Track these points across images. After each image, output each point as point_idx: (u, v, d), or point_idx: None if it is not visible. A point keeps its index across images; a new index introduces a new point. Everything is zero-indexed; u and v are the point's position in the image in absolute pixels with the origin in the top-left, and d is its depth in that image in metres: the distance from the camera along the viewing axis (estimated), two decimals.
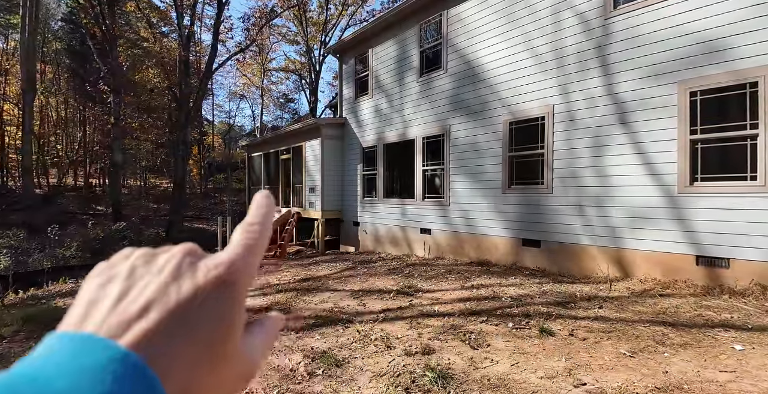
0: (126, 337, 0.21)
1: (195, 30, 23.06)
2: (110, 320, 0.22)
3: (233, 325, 0.24)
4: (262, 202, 0.30)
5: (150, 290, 0.23)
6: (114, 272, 0.25)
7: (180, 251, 0.26)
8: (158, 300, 0.23)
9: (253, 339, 0.27)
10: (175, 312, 0.22)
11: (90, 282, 0.25)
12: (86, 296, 0.24)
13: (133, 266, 0.25)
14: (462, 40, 7.78)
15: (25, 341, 5.16)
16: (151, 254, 0.26)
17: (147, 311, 0.22)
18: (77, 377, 0.18)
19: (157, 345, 0.21)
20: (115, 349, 0.20)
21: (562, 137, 6.25)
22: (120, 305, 0.22)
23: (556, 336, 3.84)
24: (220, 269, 0.25)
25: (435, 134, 8.29)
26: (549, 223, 6.40)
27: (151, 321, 0.21)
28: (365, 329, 4.26)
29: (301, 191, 11.85)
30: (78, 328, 0.22)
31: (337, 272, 7.96)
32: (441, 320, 4.50)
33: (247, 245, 0.27)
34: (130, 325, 0.21)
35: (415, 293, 5.69)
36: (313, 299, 5.86)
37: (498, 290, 5.51)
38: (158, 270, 0.24)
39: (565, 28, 6.26)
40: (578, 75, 6.10)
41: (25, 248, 13.69)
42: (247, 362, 0.26)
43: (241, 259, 0.26)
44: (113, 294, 0.23)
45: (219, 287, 0.24)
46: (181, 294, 0.23)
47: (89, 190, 27.11)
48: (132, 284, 0.24)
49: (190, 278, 0.24)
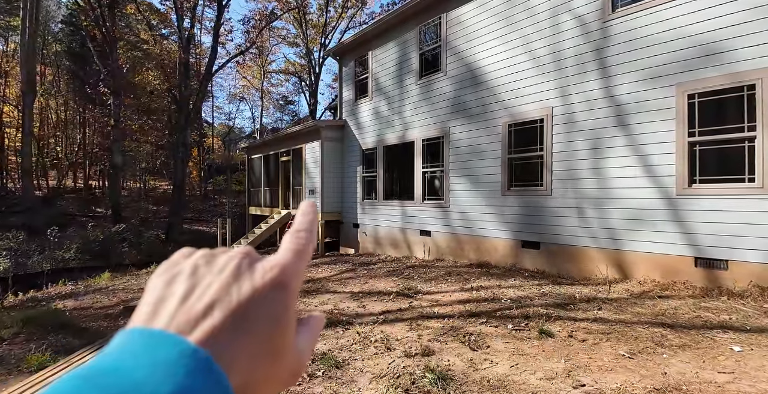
0: (194, 334, 0.22)
1: (195, 32, 23.12)
2: (178, 317, 0.23)
3: (287, 324, 0.26)
4: (307, 210, 0.32)
5: (213, 289, 0.25)
6: (177, 270, 0.27)
7: (239, 253, 0.28)
8: (221, 299, 0.24)
9: (300, 338, 0.29)
10: (236, 311, 0.24)
11: (155, 280, 0.26)
12: (154, 294, 0.25)
13: (195, 265, 0.27)
14: (461, 42, 7.82)
15: (25, 343, 5.15)
16: (211, 254, 0.28)
17: (212, 309, 0.24)
18: (153, 369, 0.20)
19: (222, 342, 0.22)
20: (185, 344, 0.21)
21: (561, 139, 6.28)
22: (186, 303, 0.24)
23: (555, 337, 3.85)
24: (275, 271, 0.26)
25: (434, 136, 8.31)
26: (548, 225, 6.42)
27: (216, 319, 0.23)
28: (365, 331, 4.27)
29: (301, 193, 11.86)
30: (148, 324, 0.23)
31: (337, 273, 7.96)
32: (441, 321, 4.51)
33: (296, 251, 0.28)
34: (198, 322, 0.23)
35: (415, 295, 5.71)
36: (313, 301, 5.87)
37: (497, 292, 5.52)
38: (219, 270, 0.26)
39: (563, 30, 6.30)
40: (577, 77, 6.14)
41: (24, 250, 13.68)
42: (297, 358, 0.27)
43: (292, 263, 0.27)
44: (179, 292, 0.25)
45: (275, 288, 0.26)
46: (241, 294, 0.25)
47: (89, 192, 27.10)
48: (196, 282, 0.25)
49: (249, 279, 0.25)
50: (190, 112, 20.69)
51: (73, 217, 21.03)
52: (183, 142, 20.11)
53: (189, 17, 21.59)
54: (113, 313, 6.53)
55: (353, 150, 10.85)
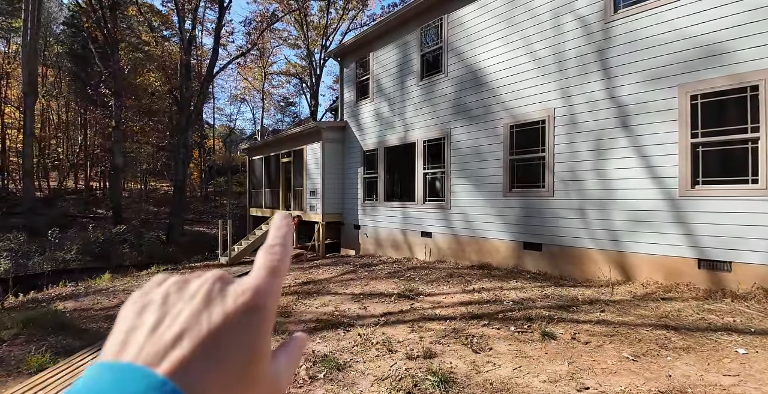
0: (163, 365, 0.21)
1: (196, 34, 23.15)
2: (147, 348, 0.22)
3: (261, 349, 0.25)
4: (280, 223, 0.31)
5: (183, 318, 0.24)
6: (148, 300, 0.26)
7: (211, 277, 0.27)
8: (191, 328, 0.23)
9: (278, 362, 0.28)
10: (206, 340, 0.23)
11: (126, 310, 0.26)
12: (123, 324, 0.24)
13: (167, 293, 0.26)
14: (463, 43, 7.81)
15: (25, 344, 5.13)
16: (183, 280, 0.27)
17: (181, 338, 0.23)
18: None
19: (192, 373, 0.22)
20: (153, 377, 0.21)
21: (563, 141, 6.26)
22: (155, 334, 0.23)
23: (558, 340, 3.83)
24: (247, 295, 0.26)
25: (436, 138, 8.30)
26: (550, 226, 6.40)
27: (185, 349, 0.22)
28: (366, 333, 4.24)
29: (302, 194, 11.85)
30: (117, 357, 0.22)
31: (338, 275, 7.94)
32: (443, 323, 4.48)
33: (270, 267, 0.28)
34: (166, 353, 0.22)
35: (417, 297, 5.68)
36: (313, 303, 5.85)
37: (499, 294, 5.50)
38: (190, 297, 0.25)
39: (565, 32, 6.29)
40: (579, 79, 6.12)
41: (25, 251, 13.67)
42: (274, 384, 0.26)
43: (266, 282, 0.27)
44: (149, 322, 0.24)
45: (247, 313, 0.25)
46: (212, 321, 0.24)
47: (90, 193, 27.11)
48: (166, 311, 0.25)
49: (220, 305, 0.25)
50: (191, 114, 20.71)
51: (74, 218, 21.03)
52: (184, 143, 20.11)
53: (190, 19, 21.64)
54: (113, 314, 6.50)
55: (354, 151, 10.84)
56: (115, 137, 19.72)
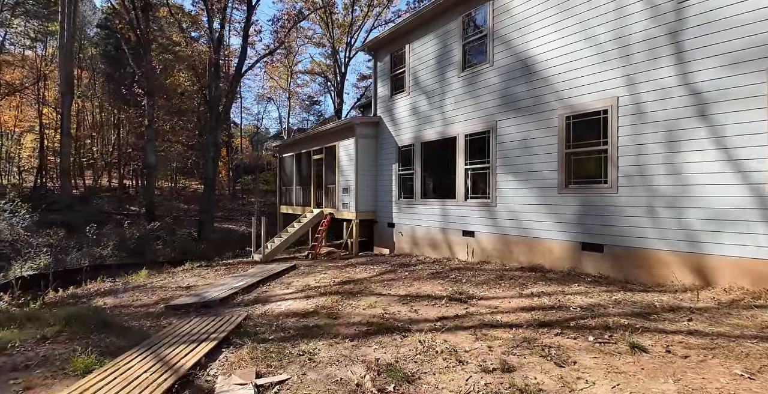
0: None
1: (224, 34, 23.30)
2: None
3: None
4: None
5: None
6: None
7: None
8: None
9: None
10: None
11: None
12: None
13: None
14: (510, 31, 7.35)
15: (68, 342, 5.01)
16: None
17: None
18: None
19: None
20: None
21: (629, 132, 5.74)
22: None
23: (650, 353, 3.38)
24: None
25: (479, 131, 7.87)
26: (613, 225, 5.89)
27: None
28: (427, 340, 3.90)
29: (334, 192, 11.61)
30: None
31: (377, 274, 7.63)
32: (508, 331, 4.09)
33: None
34: None
35: (469, 300, 5.30)
36: (359, 304, 5.55)
37: (563, 299, 5.05)
38: None
39: (630, 14, 5.76)
40: (647, 64, 5.59)
41: (63, 247, 13.96)
42: None
43: None
44: None
45: None
46: None
47: (123, 191, 27.80)
48: None
49: None
50: (220, 113, 20.86)
51: (109, 215, 21.54)
52: (214, 142, 20.27)
53: (219, 18, 21.80)
54: (154, 311, 6.39)
55: (388, 147, 10.51)
56: (148, 136, 20.05)
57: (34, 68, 29.68)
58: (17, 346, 4.83)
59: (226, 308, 6.16)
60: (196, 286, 8.33)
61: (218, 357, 3.88)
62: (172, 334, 4.62)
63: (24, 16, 28.82)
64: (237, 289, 6.96)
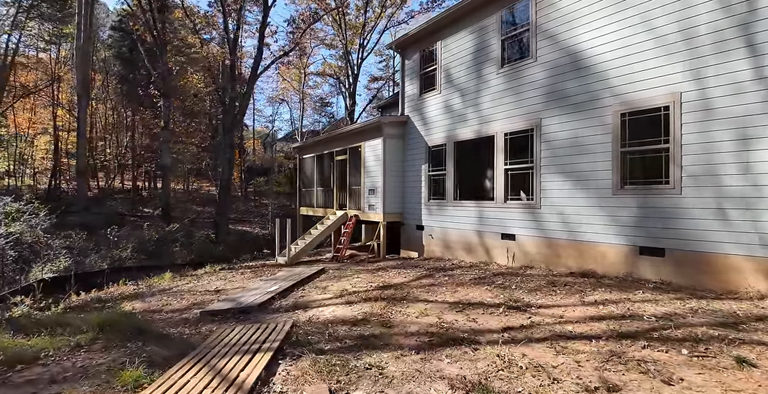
0: None
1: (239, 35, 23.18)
2: None
3: None
4: None
5: None
6: None
7: None
8: None
9: None
10: None
11: None
12: None
13: None
14: (556, 25, 7.04)
15: (104, 350, 4.74)
16: None
17: None
18: None
19: None
20: None
21: (694, 129, 5.40)
22: None
23: (759, 368, 3.05)
24: None
25: (521, 129, 7.55)
26: (676, 228, 5.54)
27: None
28: (504, 353, 3.57)
29: (359, 193, 11.33)
30: None
31: (414, 279, 7.32)
32: (587, 343, 3.76)
33: None
34: None
35: (528, 309, 4.97)
36: (408, 311, 5.24)
37: (632, 307, 4.71)
38: None
39: (695, 5, 5.43)
40: (715, 58, 5.25)
41: (82, 249, 13.80)
42: None
43: None
44: None
45: None
46: None
47: (136, 192, 27.74)
48: None
49: None
50: (236, 114, 20.71)
51: (123, 216, 21.43)
52: (230, 143, 20.10)
53: (235, 19, 21.70)
54: (189, 318, 6.12)
55: (416, 147, 10.21)
56: (164, 137, 19.93)
57: (48, 71, 29.79)
58: (51, 355, 4.56)
59: (265, 313, 5.88)
60: (225, 290, 8.06)
61: (277, 370, 3.59)
62: (219, 343, 4.34)
63: (39, 18, 28.95)
64: (272, 293, 6.68)
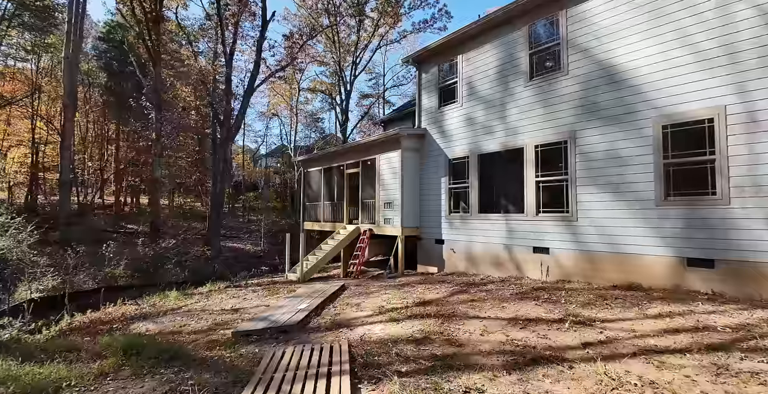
0: None
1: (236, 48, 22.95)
2: None
3: None
4: None
5: None
6: None
7: None
8: None
9: None
10: None
11: None
12: None
13: None
14: (587, 40, 7.15)
15: (135, 378, 4.26)
16: None
17: None
18: None
19: None
20: None
21: (740, 141, 5.46)
22: None
23: None
24: None
25: (553, 142, 7.53)
26: (725, 239, 5.52)
27: None
28: (612, 372, 3.34)
29: (373, 207, 11.06)
30: None
31: (449, 295, 7.04)
32: (682, 357, 3.58)
33: None
34: None
35: (593, 323, 4.77)
36: (467, 328, 4.95)
37: (700, 319, 4.58)
38: None
39: (737, 21, 5.59)
40: (760, 71, 5.38)
41: (69, 266, 12.87)
42: None
43: None
44: None
45: None
46: None
47: (119, 207, 26.51)
48: None
49: None
50: (231, 127, 20.27)
51: (106, 232, 20.32)
52: (224, 157, 19.58)
53: (231, 32, 21.53)
54: (218, 339, 5.62)
55: (435, 160, 10.10)
56: (156, 150, 19.23)
57: (28, 81, 28.63)
58: (74, 385, 4.06)
59: (306, 333, 5.46)
60: (244, 308, 7.55)
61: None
62: (279, 368, 3.93)
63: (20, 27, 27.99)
64: (305, 311, 6.26)
